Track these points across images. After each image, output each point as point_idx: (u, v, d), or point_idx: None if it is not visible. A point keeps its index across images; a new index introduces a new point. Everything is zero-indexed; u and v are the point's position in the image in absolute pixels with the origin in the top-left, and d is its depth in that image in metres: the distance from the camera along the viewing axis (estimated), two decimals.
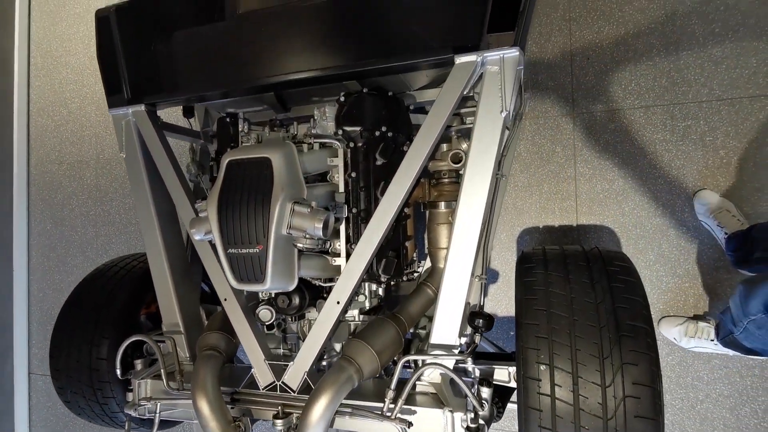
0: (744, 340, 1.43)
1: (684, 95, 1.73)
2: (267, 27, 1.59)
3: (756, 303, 1.31)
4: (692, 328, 1.67)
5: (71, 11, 2.79)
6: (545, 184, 1.87)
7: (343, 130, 1.40)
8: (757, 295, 1.31)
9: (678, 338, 1.71)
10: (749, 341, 1.42)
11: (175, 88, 1.64)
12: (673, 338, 1.73)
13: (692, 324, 1.67)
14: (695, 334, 1.66)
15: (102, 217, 2.67)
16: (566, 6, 1.87)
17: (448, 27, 1.31)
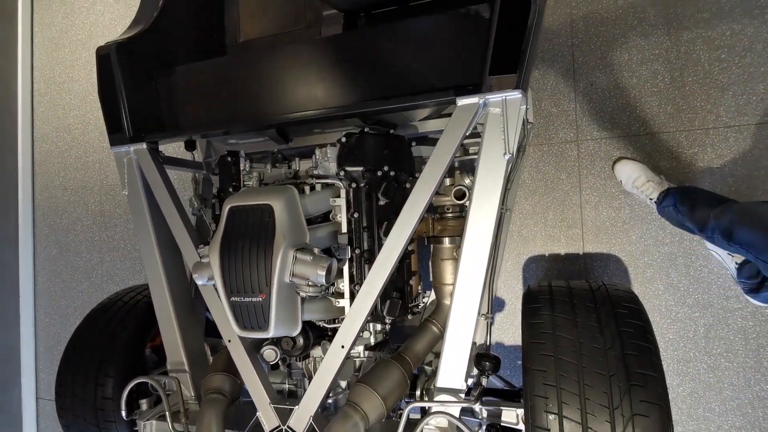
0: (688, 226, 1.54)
1: (690, 122, 1.70)
2: (267, 63, 1.59)
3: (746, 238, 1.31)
4: (642, 180, 1.67)
5: (73, 38, 2.80)
6: (550, 212, 1.86)
7: (345, 170, 1.39)
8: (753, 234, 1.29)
9: (624, 181, 1.74)
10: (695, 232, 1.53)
11: (177, 127, 1.64)
12: (620, 179, 1.76)
13: (644, 177, 1.67)
14: (641, 186, 1.67)
15: (107, 242, 2.67)
16: (568, 32, 1.85)
17: (449, 68, 1.30)
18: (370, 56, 1.40)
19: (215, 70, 1.68)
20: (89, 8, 2.75)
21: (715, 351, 1.68)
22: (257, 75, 1.60)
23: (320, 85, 1.47)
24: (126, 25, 2.64)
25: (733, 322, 1.66)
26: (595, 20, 1.81)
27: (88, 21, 2.75)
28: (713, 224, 1.41)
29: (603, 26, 1.81)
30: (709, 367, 1.69)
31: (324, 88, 1.46)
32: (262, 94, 1.57)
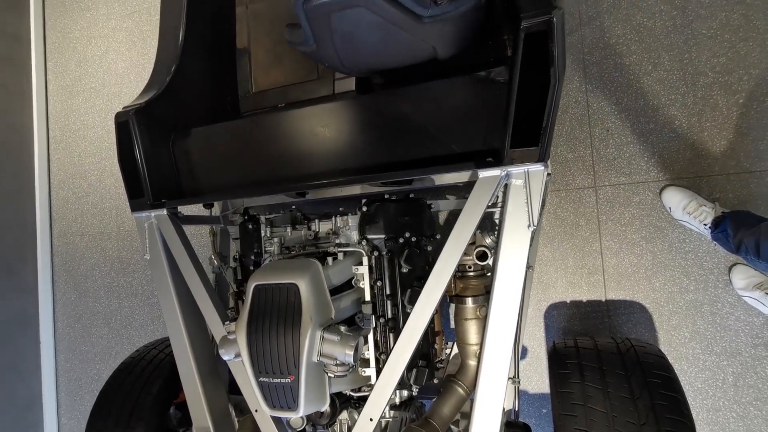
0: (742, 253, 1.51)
1: (710, 167, 1.69)
2: (284, 127, 1.60)
3: None
4: (694, 205, 1.65)
5: (87, 86, 2.84)
6: (570, 258, 1.84)
7: (367, 239, 1.39)
8: None
9: (674, 208, 1.70)
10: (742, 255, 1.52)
11: (197, 193, 1.65)
12: (669, 207, 1.72)
13: (696, 202, 1.65)
14: (693, 212, 1.65)
15: (125, 288, 2.69)
16: (582, 77, 1.84)
17: (470, 142, 1.31)
18: (389, 123, 1.41)
19: (232, 133, 1.70)
20: (102, 56, 2.79)
21: (744, 400, 1.65)
22: (274, 140, 1.61)
23: (340, 153, 1.48)
24: (139, 73, 2.69)
25: (762, 369, 1.64)
26: (609, 66, 1.81)
27: (101, 69, 2.79)
28: (746, 243, 1.44)
29: (617, 72, 1.80)
30: (738, 416, 1.66)
31: (344, 156, 1.47)
32: (280, 160, 1.58)
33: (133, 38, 2.71)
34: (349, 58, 1.30)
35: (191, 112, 1.90)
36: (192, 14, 1.85)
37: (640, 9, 1.77)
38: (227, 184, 1.66)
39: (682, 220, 1.68)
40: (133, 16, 2.71)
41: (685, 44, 1.72)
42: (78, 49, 2.88)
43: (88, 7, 2.86)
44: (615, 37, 1.80)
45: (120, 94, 2.72)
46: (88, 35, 2.85)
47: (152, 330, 2.61)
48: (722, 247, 1.64)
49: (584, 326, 1.81)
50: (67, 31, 2.92)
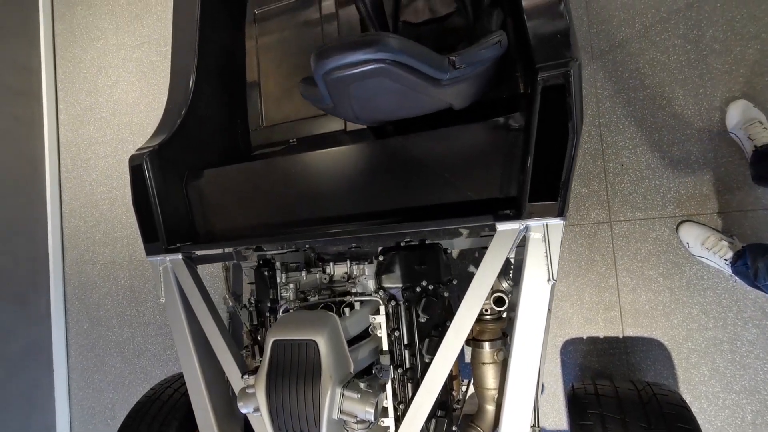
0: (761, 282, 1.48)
1: (727, 203, 1.67)
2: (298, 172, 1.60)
3: None
4: (713, 240, 1.63)
5: (97, 115, 2.86)
6: (586, 294, 1.83)
7: (383, 288, 1.38)
8: None
9: (692, 243, 1.68)
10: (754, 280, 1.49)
11: (212, 236, 1.65)
12: (686, 242, 1.70)
13: (714, 237, 1.63)
14: (712, 247, 1.63)
15: (137, 317, 2.69)
16: (595, 111, 1.83)
17: (487, 189, 1.30)
18: (404, 168, 1.40)
19: (245, 176, 1.70)
20: (112, 86, 2.81)
21: None
22: (288, 183, 1.61)
23: (354, 197, 1.47)
24: (149, 103, 2.70)
25: None
26: (622, 100, 1.80)
27: (112, 99, 2.81)
28: (762, 268, 1.43)
29: (630, 106, 1.79)
30: None
31: (358, 200, 1.46)
32: (294, 203, 1.58)
33: (143, 69, 2.72)
34: (365, 115, 1.30)
35: (204, 149, 1.91)
36: (203, 50, 1.86)
37: (653, 43, 1.76)
38: (241, 226, 1.66)
39: (701, 256, 1.67)
40: (143, 46, 2.73)
41: (700, 79, 1.71)
42: (88, 79, 2.90)
43: (98, 38, 2.88)
44: (628, 72, 1.79)
45: (131, 123, 2.74)
46: (99, 65, 2.87)
47: (165, 360, 2.61)
48: (743, 281, 1.62)
49: (601, 363, 1.80)
50: (78, 61, 2.94)
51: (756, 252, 1.52)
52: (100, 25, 2.87)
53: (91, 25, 2.91)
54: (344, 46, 0.95)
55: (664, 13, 1.75)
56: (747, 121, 1.61)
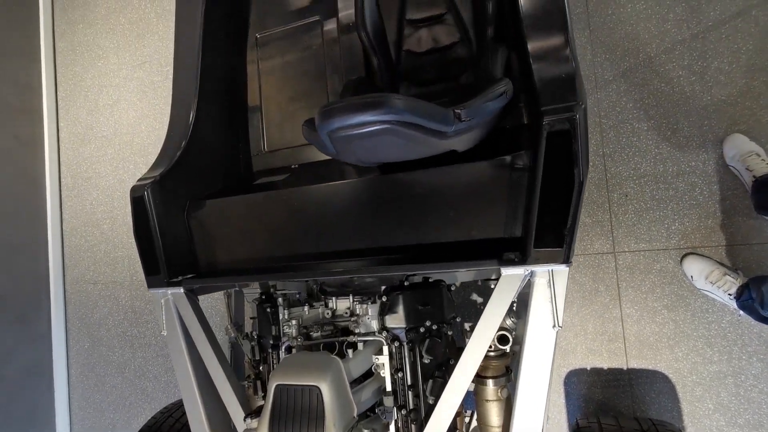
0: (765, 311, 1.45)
1: (732, 237, 1.66)
2: (301, 207, 1.59)
3: None
4: (717, 275, 1.62)
5: (98, 134, 2.85)
6: (590, 324, 1.82)
7: (387, 329, 1.37)
8: None
9: (696, 276, 1.67)
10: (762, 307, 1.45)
11: (213, 267, 1.64)
12: (690, 275, 1.69)
13: (719, 271, 1.62)
14: (716, 281, 1.61)
15: (138, 338, 2.69)
16: (599, 141, 1.82)
17: (491, 228, 1.29)
18: (407, 204, 1.39)
19: (247, 208, 1.69)
20: (113, 105, 2.80)
21: None
22: (290, 216, 1.60)
23: (357, 232, 1.47)
24: (150, 123, 2.70)
25: None
26: (626, 130, 1.79)
27: (113, 118, 2.80)
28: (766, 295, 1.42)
29: (634, 136, 1.78)
30: None
31: (361, 235, 1.45)
32: (296, 237, 1.57)
33: (144, 88, 2.71)
34: (369, 160, 1.29)
35: (206, 176, 1.90)
36: (205, 76, 1.85)
37: (657, 74, 1.75)
38: (243, 258, 1.65)
39: (705, 290, 1.66)
40: (143, 66, 2.72)
41: (705, 110, 1.70)
42: (89, 97, 2.89)
43: (100, 56, 2.87)
44: (632, 102, 1.78)
45: (131, 144, 2.73)
46: (100, 84, 2.86)
47: (166, 381, 2.60)
48: (749, 316, 1.61)
49: (606, 395, 1.79)
50: (79, 79, 2.93)
51: (759, 282, 1.51)
52: (102, 43, 2.86)
53: (92, 43, 2.90)
54: (350, 107, 0.94)
55: (669, 43, 1.74)
56: (744, 154, 1.61)
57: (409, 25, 1.78)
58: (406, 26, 1.79)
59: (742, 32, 1.67)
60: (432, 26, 1.76)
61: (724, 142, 1.66)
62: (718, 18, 1.69)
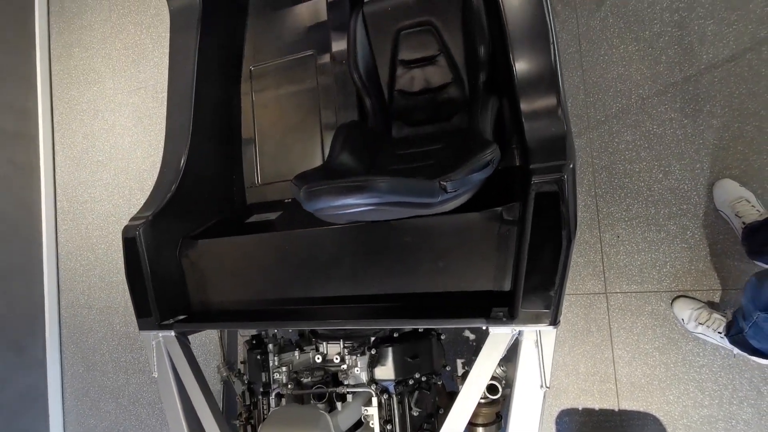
0: (752, 338, 1.42)
1: (724, 280, 1.66)
2: (292, 247, 1.59)
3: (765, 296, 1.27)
4: (705, 315, 1.63)
5: (93, 158, 2.85)
6: (581, 365, 1.82)
7: (375, 382, 1.37)
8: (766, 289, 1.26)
9: (687, 320, 1.68)
10: (757, 339, 1.41)
11: (207, 315, 1.64)
12: (681, 319, 1.70)
13: (706, 311, 1.63)
14: (705, 321, 1.62)
15: (132, 364, 2.69)
16: (591, 181, 1.82)
17: (482, 287, 1.30)
18: (397, 253, 1.40)
19: (239, 250, 1.69)
20: (109, 130, 2.81)
21: None
22: (282, 260, 1.60)
23: (347, 278, 1.47)
24: (145, 149, 2.70)
25: None
26: (618, 171, 1.79)
27: (108, 143, 2.80)
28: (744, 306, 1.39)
29: (626, 178, 1.78)
30: None
31: (352, 282, 1.46)
32: (287, 281, 1.57)
33: (139, 114, 2.72)
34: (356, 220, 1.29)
35: (199, 211, 1.89)
36: (199, 108, 1.85)
37: (649, 116, 1.75)
38: (234, 300, 1.65)
39: (697, 333, 1.65)
40: (139, 92, 2.72)
41: (697, 154, 1.70)
42: (85, 121, 2.89)
43: (95, 81, 2.87)
44: (624, 143, 1.78)
45: (127, 169, 2.73)
46: (95, 108, 2.86)
47: (160, 408, 2.60)
48: (742, 351, 1.60)
49: None
50: (74, 103, 2.93)
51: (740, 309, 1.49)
52: (97, 68, 2.87)
53: (87, 67, 2.90)
54: (333, 190, 0.94)
55: (661, 85, 1.74)
56: (734, 200, 1.61)
57: (402, 65, 1.78)
58: (399, 66, 1.79)
59: (735, 76, 1.67)
60: (424, 67, 1.76)
61: (714, 188, 1.66)
62: (711, 61, 1.69)
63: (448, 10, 1.67)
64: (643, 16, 1.77)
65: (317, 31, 2.05)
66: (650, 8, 1.76)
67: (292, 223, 1.77)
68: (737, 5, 1.67)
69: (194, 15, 1.86)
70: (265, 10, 2.16)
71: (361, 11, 1.77)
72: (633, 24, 1.78)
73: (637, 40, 1.77)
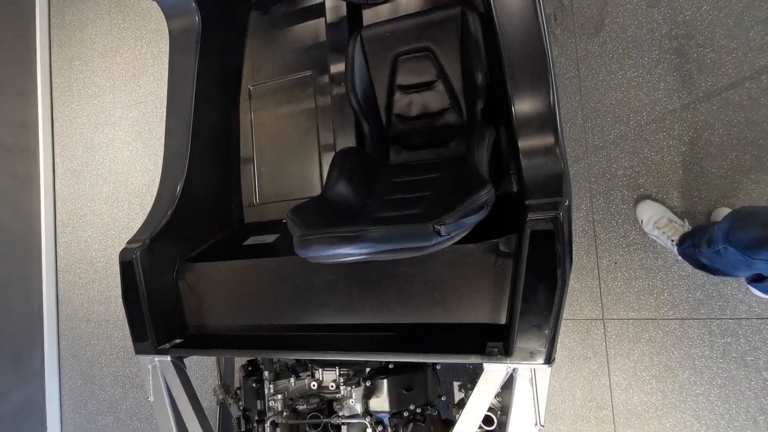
0: (705, 258, 1.46)
1: (721, 310, 1.66)
2: (289, 273, 1.59)
3: (742, 238, 1.26)
4: (664, 222, 1.65)
5: (93, 172, 2.85)
6: (578, 390, 1.81)
7: (370, 414, 1.37)
8: (747, 232, 1.26)
9: (646, 222, 1.71)
10: (711, 261, 1.45)
11: (202, 345, 1.64)
12: (641, 220, 1.73)
13: (666, 218, 1.66)
14: (663, 227, 1.65)
15: (130, 378, 2.69)
16: (589, 206, 1.82)
17: (477, 319, 1.30)
18: (393, 283, 1.40)
19: (237, 274, 1.69)
20: (108, 144, 2.81)
21: None
22: (279, 285, 1.60)
23: (344, 306, 1.47)
24: (144, 164, 2.70)
25: None
26: (616, 197, 1.78)
27: (108, 157, 2.81)
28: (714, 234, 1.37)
29: (624, 204, 1.77)
30: None
31: (348, 309, 1.46)
32: (284, 307, 1.57)
33: (138, 128, 2.72)
34: None
35: (197, 233, 1.89)
36: (197, 129, 1.85)
37: (647, 142, 1.75)
38: (230, 325, 1.66)
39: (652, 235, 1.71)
40: (139, 106, 2.73)
41: (695, 182, 1.69)
42: (85, 135, 2.90)
43: (96, 94, 2.88)
44: (622, 169, 1.78)
45: (126, 183, 2.73)
46: (95, 122, 2.86)
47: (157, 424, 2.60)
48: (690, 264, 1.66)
49: None
50: (75, 116, 2.94)
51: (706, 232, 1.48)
52: (98, 82, 2.87)
53: (88, 81, 2.90)
54: (326, 240, 0.95)
55: (659, 113, 1.74)
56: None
57: (400, 90, 1.78)
58: (397, 91, 1.79)
59: (734, 104, 1.66)
60: (422, 92, 1.76)
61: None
62: (710, 89, 1.69)
63: (446, 36, 1.67)
64: (641, 43, 1.77)
65: (316, 52, 2.06)
66: (649, 35, 1.76)
67: (289, 247, 1.77)
68: (736, 33, 1.66)
69: (193, 36, 1.86)
70: (264, 30, 2.16)
71: (359, 36, 1.77)
72: (632, 50, 1.78)
73: (636, 66, 1.77)
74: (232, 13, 2.11)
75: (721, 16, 1.68)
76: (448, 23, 1.66)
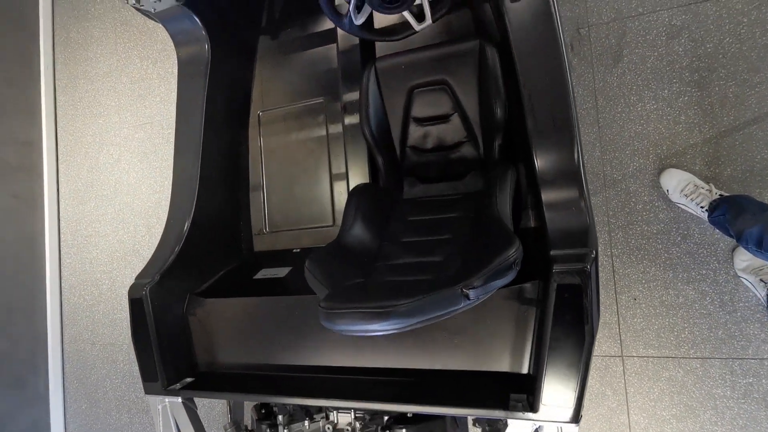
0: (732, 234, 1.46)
1: (743, 350, 1.62)
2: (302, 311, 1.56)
3: None
4: (691, 187, 1.62)
5: (98, 192, 2.82)
6: (596, 429, 1.78)
7: None
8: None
9: (672, 190, 1.66)
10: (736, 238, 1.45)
11: (213, 386, 1.61)
12: (667, 189, 1.68)
13: (692, 183, 1.62)
14: (691, 194, 1.61)
15: (136, 403, 2.65)
16: (607, 240, 1.78)
17: (498, 367, 1.27)
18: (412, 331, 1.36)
19: (248, 312, 1.66)
20: (113, 165, 2.77)
21: None
22: (292, 324, 1.57)
23: (358, 348, 1.44)
24: (150, 185, 2.67)
25: None
26: (635, 233, 1.75)
27: (113, 177, 2.77)
28: (747, 233, 1.38)
29: (644, 239, 1.74)
30: None
31: (362, 352, 1.43)
32: (297, 347, 1.54)
33: (144, 149, 2.68)
34: None
35: (207, 264, 1.86)
36: (206, 156, 1.82)
37: None
38: (241, 364, 1.62)
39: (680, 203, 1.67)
40: (145, 127, 2.69)
41: None
42: (90, 154, 2.86)
43: (101, 114, 2.84)
44: (641, 203, 1.75)
45: (131, 205, 2.70)
46: (100, 142, 2.83)
47: None
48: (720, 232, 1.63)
49: None
50: (80, 135, 2.90)
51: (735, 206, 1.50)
52: (103, 101, 2.83)
53: (93, 100, 2.87)
54: (354, 316, 0.91)
55: (680, 146, 1.70)
56: (756, 267, 1.58)
57: (415, 122, 1.75)
58: (412, 123, 1.75)
59: (757, 140, 1.63)
60: (438, 125, 1.72)
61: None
62: (732, 124, 1.65)
63: (462, 70, 1.64)
64: (662, 75, 1.73)
65: (327, 78, 2.02)
66: (669, 67, 1.72)
67: (301, 284, 1.74)
68: (760, 67, 1.63)
69: (203, 64, 1.83)
70: (274, 55, 2.12)
71: (374, 67, 1.74)
72: (651, 82, 1.74)
73: (656, 98, 1.74)
74: (242, 39, 2.07)
75: (744, 49, 1.65)
76: (466, 57, 1.62)
